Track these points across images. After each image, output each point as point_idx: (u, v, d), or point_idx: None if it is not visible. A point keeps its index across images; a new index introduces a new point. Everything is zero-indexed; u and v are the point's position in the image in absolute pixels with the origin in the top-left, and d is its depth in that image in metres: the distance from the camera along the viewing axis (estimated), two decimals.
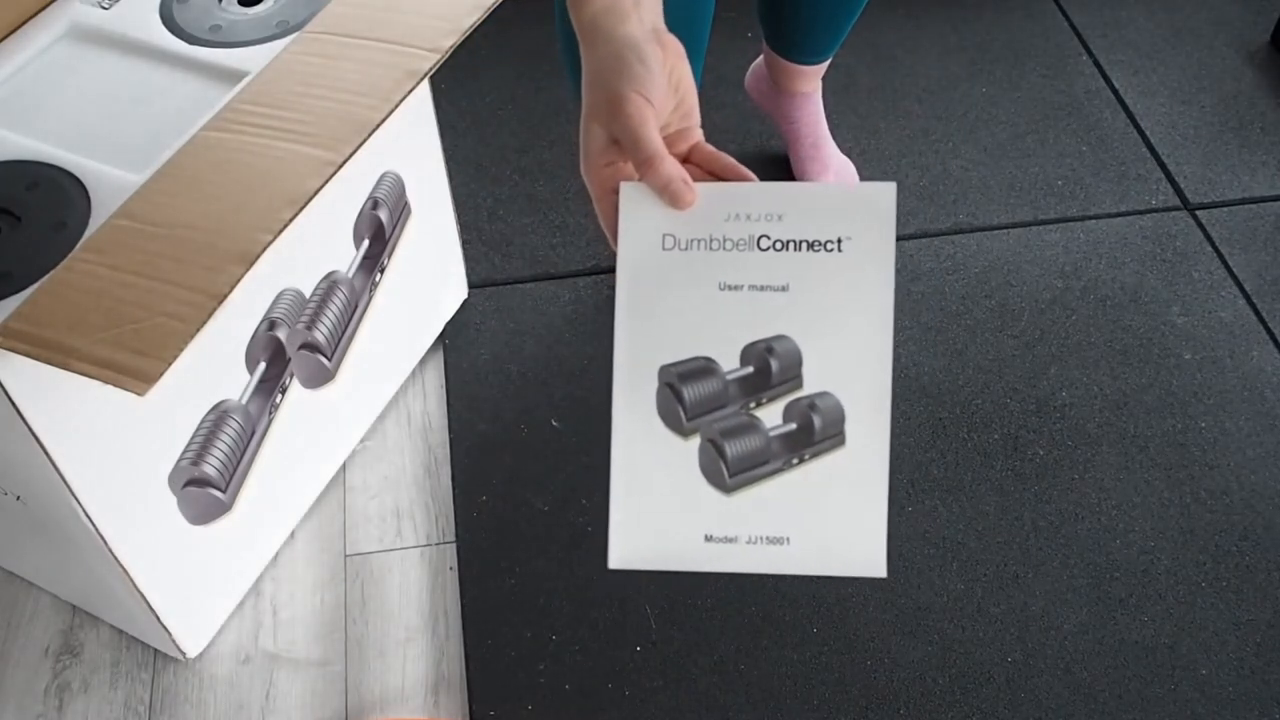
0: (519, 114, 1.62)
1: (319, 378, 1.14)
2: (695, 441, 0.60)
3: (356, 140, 0.84)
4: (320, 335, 1.11)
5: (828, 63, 1.41)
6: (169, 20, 1.00)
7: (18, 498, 0.98)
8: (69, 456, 0.87)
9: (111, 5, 1.02)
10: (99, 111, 0.94)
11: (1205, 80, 1.67)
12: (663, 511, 0.61)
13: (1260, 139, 1.58)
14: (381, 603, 1.16)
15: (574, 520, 1.21)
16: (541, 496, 1.22)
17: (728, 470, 0.60)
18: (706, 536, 0.61)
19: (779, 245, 0.59)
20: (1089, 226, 1.48)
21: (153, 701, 1.10)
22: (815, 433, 0.59)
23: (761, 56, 1.49)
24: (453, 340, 1.36)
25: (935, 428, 1.27)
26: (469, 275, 1.39)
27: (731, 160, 0.62)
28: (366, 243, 1.13)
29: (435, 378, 1.34)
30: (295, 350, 1.08)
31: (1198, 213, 1.49)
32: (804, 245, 0.59)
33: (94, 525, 0.93)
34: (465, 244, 1.39)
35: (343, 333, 1.14)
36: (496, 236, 1.47)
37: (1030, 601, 1.14)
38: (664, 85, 0.61)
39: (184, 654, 1.10)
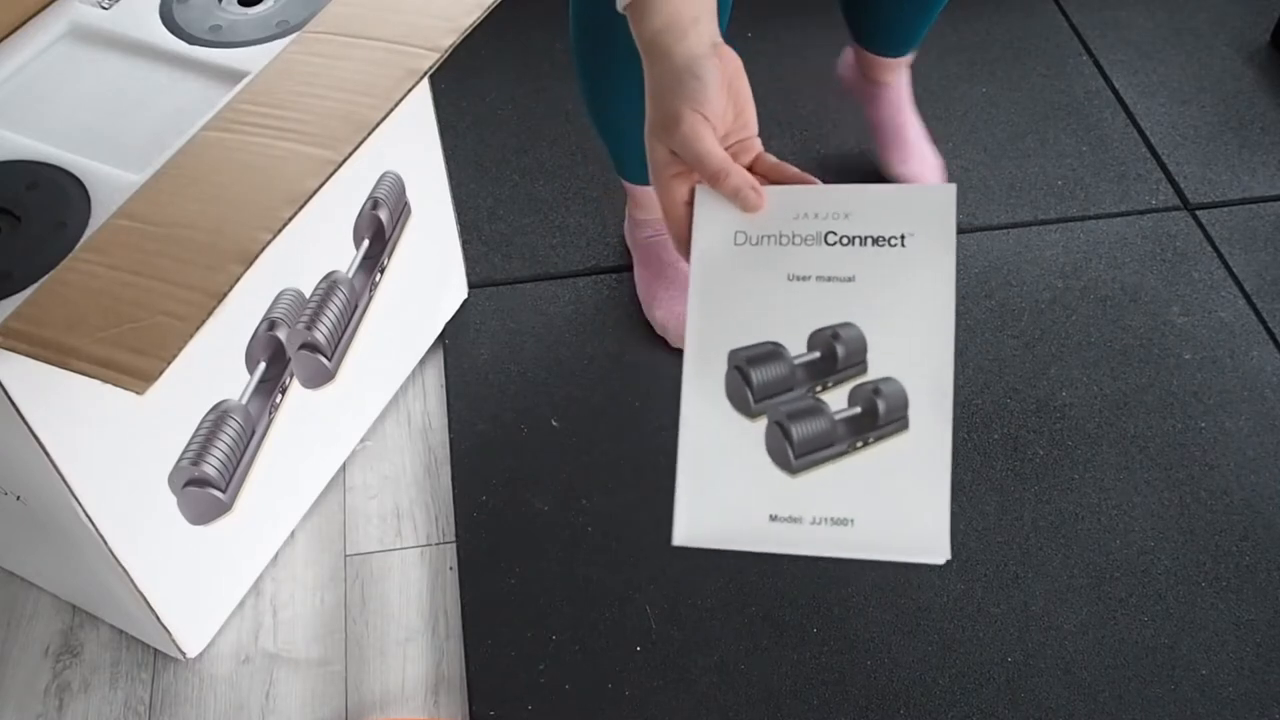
0: (519, 114, 1.62)
1: (319, 378, 1.14)
2: (762, 423, 0.61)
3: (356, 140, 0.84)
4: (320, 335, 1.11)
5: (911, 56, 1.43)
6: (169, 20, 1.00)
7: (18, 498, 0.98)
8: (69, 456, 0.87)
9: (111, 5, 1.02)
10: (99, 111, 0.94)
11: (1205, 80, 1.67)
12: (728, 491, 0.61)
13: (1260, 139, 1.58)
14: (381, 603, 1.16)
15: (574, 520, 1.21)
16: (541, 496, 1.22)
17: (793, 452, 0.60)
18: (771, 516, 0.61)
19: (845, 240, 0.62)
20: (1089, 226, 1.48)
21: (153, 701, 1.10)
22: (880, 417, 0.60)
23: (849, 48, 1.50)
24: (453, 340, 1.36)
25: None
26: (469, 275, 1.39)
27: (795, 170, 0.65)
28: (366, 243, 1.13)
29: (435, 378, 1.34)
30: (295, 350, 1.08)
31: (1198, 213, 1.49)
32: (869, 241, 0.62)
33: (94, 525, 0.93)
34: (465, 244, 1.39)
35: (343, 333, 1.14)
36: (496, 236, 1.47)
37: (1030, 601, 1.14)
38: (721, 100, 0.64)
39: (184, 654, 1.10)
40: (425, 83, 1.10)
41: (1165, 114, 1.62)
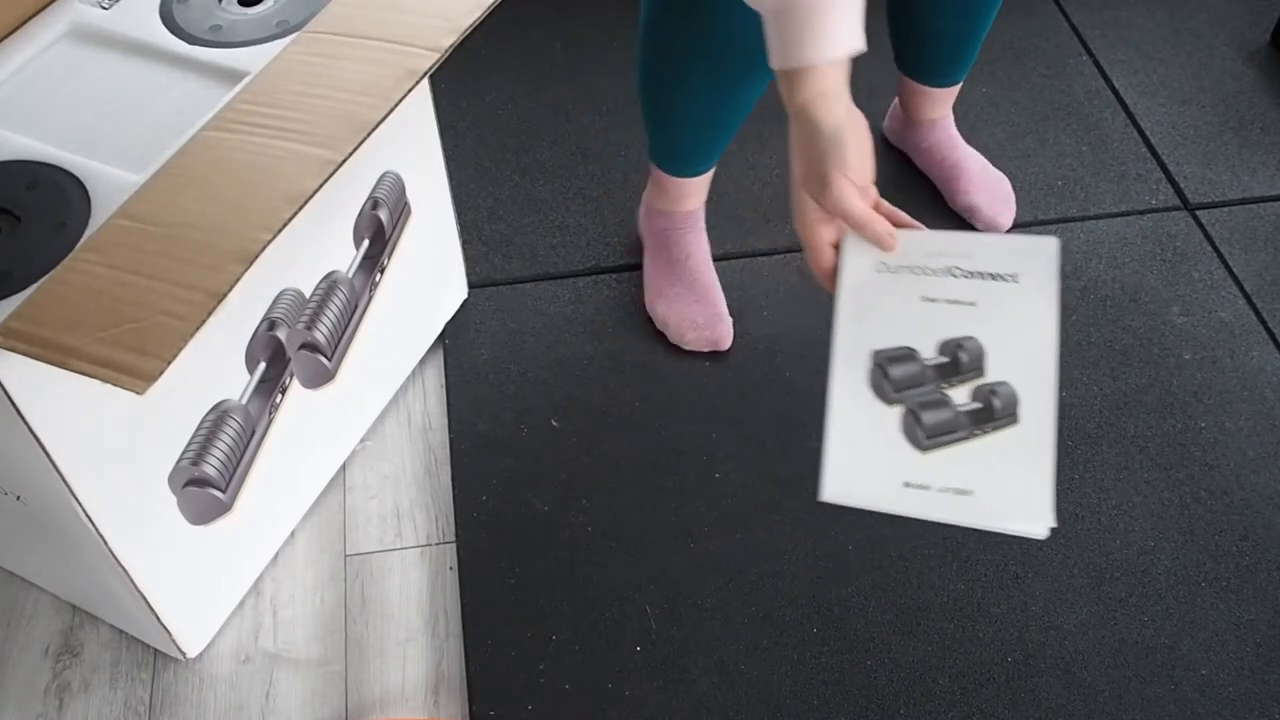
0: (519, 114, 1.62)
1: (319, 378, 1.14)
2: (898, 410, 0.74)
3: (356, 139, 0.84)
4: (320, 335, 1.11)
5: (956, 89, 1.45)
6: (169, 20, 1.00)
7: (18, 498, 0.98)
8: (69, 456, 0.87)
9: (111, 5, 1.02)
10: (99, 111, 0.94)
11: (1205, 80, 1.67)
12: (870, 459, 0.73)
13: (1260, 139, 1.58)
14: (381, 603, 1.16)
15: (574, 520, 1.21)
16: (541, 496, 1.22)
17: (924, 434, 0.73)
18: (905, 483, 0.73)
19: (968, 274, 0.77)
20: (1089, 226, 1.48)
21: (153, 701, 1.10)
22: (995, 412, 0.73)
23: (896, 99, 1.51)
24: (453, 340, 1.36)
25: None
26: (469, 275, 1.40)
27: (905, 215, 0.80)
28: (366, 243, 1.13)
29: (435, 378, 1.34)
30: (295, 350, 1.08)
31: (1198, 213, 1.49)
32: (987, 276, 0.76)
33: (94, 525, 0.93)
34: (465, 244, 1.39)
35: (343, 333, 1.14)
36: (496, 236, 1.47)
37: (1030, 601, 1.14)
38: (861, 164, 0.77)
39: (184, 654, 1.10)
40: (425, 83, 1.10)
41: (1165, 114, 1.62)
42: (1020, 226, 1.47)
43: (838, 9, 0.76)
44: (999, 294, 0.76)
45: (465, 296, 1.39)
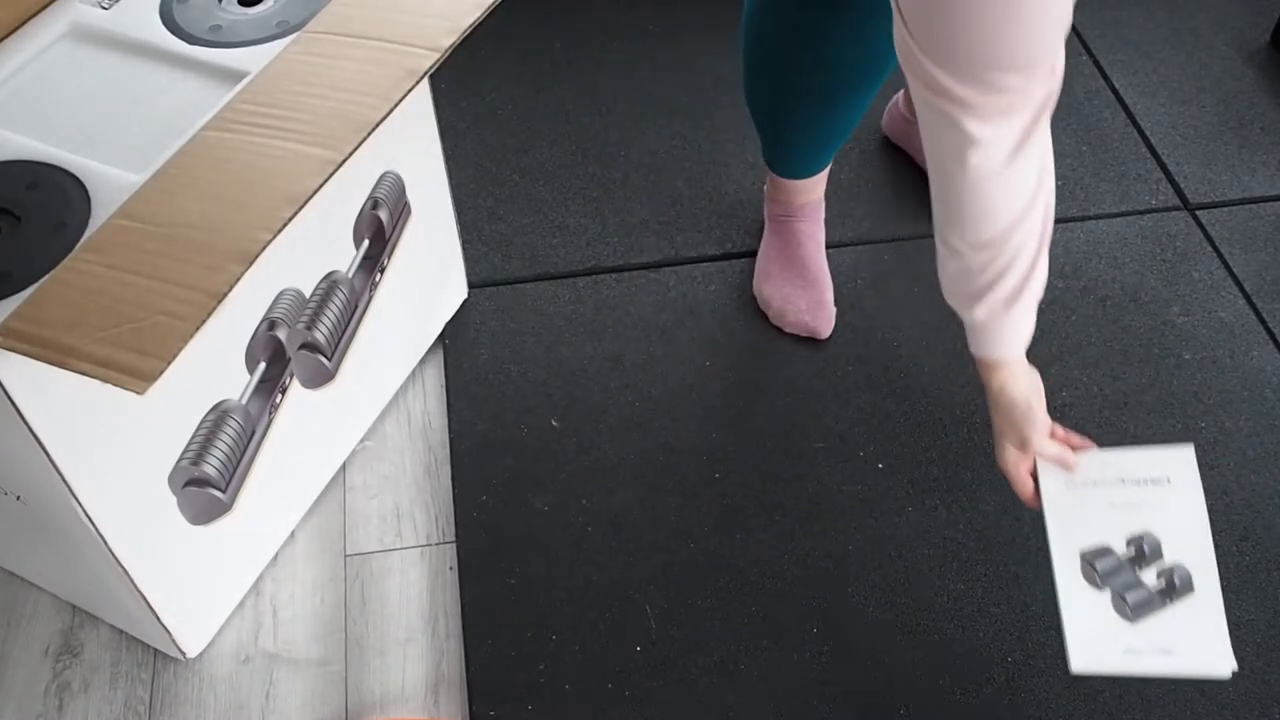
0: (519, 114, 1.62)
1: (319, 378, 1.14)
2: (1108, 592, 0.98)
3: (356, 139, 0.84)
4: (320, 335, 1.11)
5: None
6: (169, 20, 1.00)
7: (18, 498, 0.98)
8: (69, 456, 0.87)
9: (111, 5, 1.02)
10: (99, 111, 0.94)
11: (1205, 80, 1.67)
12: (1099, 635, 0.97)
13: (1260, 139, 1.58)
14: (381, 603, 1.16)
15: (574, 520, 1.21)
16: (541, 496, 1.23)
17: (1130, 611, 0.97)
18: (1126, 649, 0.96)
19: (1133, 481, 1.01)
20: (1089, 226, 1.48)
21: (153, 701, 1.10)
22: (1176, 588, 0.97)
23: (898, 94, 1.50)
24: (453, 340, 1.36)
25: (935, 428, 1.27)
26: (469, 275, 1.40)
27: (1078, 437, 1.03)
28: (366, 243, 1.13)
29: (435, 378, 1.34)
30: (295, 350, 1.08)
31: (1198, 213, 1.49)
32: (1147, 481, 1.01)
33: (94, 525, 0.93)
34: (465, 244, 1.39)
35: (343, 333, 1.14)
36: (496, 236, 1.47)
37: (1030, 601, 1.14)
38: (1045, 418, 1.01)
39: (184, 654, 1.10)
40: (425, 83, 1.10)
41: (1165, 114, 1.62)
42: None
43: (1027, 315, 0.97)
44: (1159, 494, 1.00)
45: (465, 296, 1.39)
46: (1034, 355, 1.29)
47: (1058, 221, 1.49)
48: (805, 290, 1.35)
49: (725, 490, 1.23)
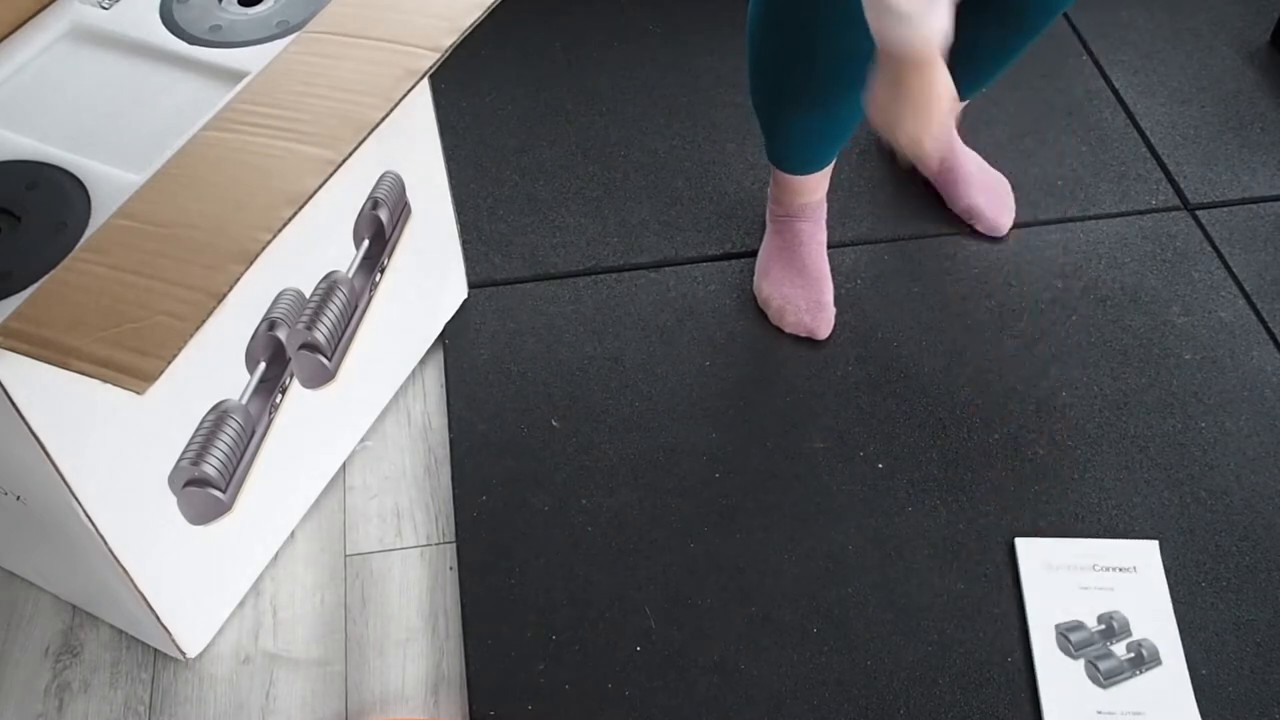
0: (519, 114, 1.62)
1: (319, 378, 1.14)
2: (1082, 662, 1.09)
3: (356, 139, 0.84)
4: (320, 335, 1.11)
5: (964, 103, 1.43)
6: (169, 20, 1.00)
7: (18, 498, 0.98)
8: (69, 456, 0.87)
9: (111, 5, 1.02)
10: (99, 111, 0.94)
11: (1205, 80, 1.67)
12: (1074, 698, 1.07)
13: (1260, 139, 1.58)
14: (381, 603, 1.16)
15: (574, 520, 1.21)
16: (541, 496, 1.23)
17: (1103, 677, 1.08)
18: (1098, 711, 1.06)
19: (1103, 568, 1.15)
20: (1089, 227, 1.48)
21: (153, 701, 1.10)
22: (1145, 660, 1.09)
23: None
24: (453, 340, 1.36)
25: (935, 428, 1.27)
26: (469, 275, 1.40)
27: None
28: (366, 243, 1.13)
29: (435, 378, 1.34)
30: (295, 350, 1.08)
31: (1198, 213, 1.49)
32: (1115, 569, 1.15)
33: (94, 525, 0.93)
34: (465, 244, 1.39)
35: (343, 333, 1.14)
36: (496, 236, 1.47)
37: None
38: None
39: (184, 654, 1.10)
40: (425, 83, 1.10)
41: (1165, 114, 1.62)
42: (1020, 226, 1.47)
43: None
44: (1127, 580, 1.14)
45: (465, 296, 1.39)
46: (1034, 355, 1.30)
47: (1058, 221, 1.50)
48: (805, 290, 1.35)
49: (725, 490, 1.23)
